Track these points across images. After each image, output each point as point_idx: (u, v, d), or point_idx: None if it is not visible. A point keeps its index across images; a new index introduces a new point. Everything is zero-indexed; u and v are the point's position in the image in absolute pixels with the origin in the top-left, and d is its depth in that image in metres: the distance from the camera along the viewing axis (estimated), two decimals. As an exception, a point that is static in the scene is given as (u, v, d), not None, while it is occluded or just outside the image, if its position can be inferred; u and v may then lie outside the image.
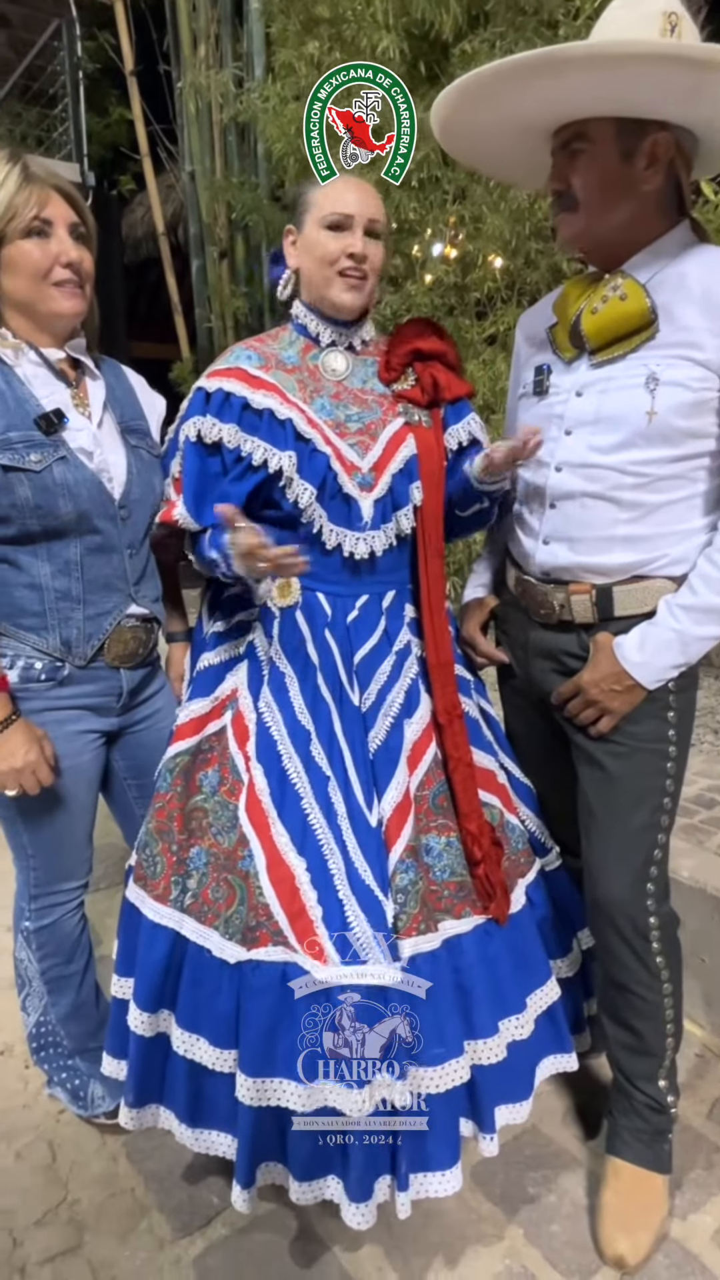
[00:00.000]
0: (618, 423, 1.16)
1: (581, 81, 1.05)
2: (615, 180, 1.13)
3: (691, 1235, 1.28)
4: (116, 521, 1.27)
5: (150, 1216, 1.34)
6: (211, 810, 1.29)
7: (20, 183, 1.14)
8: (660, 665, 1.18)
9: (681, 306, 1.11)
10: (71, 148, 7.13)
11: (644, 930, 1.24)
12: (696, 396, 1.11)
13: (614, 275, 1.17)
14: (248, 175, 4.45)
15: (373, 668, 1.36)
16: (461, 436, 1.40)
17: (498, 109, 1.15)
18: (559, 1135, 1.48)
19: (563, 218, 1.19)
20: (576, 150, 1.14)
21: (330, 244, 1.28)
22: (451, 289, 3.19)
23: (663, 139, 1.11)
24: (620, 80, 1.04)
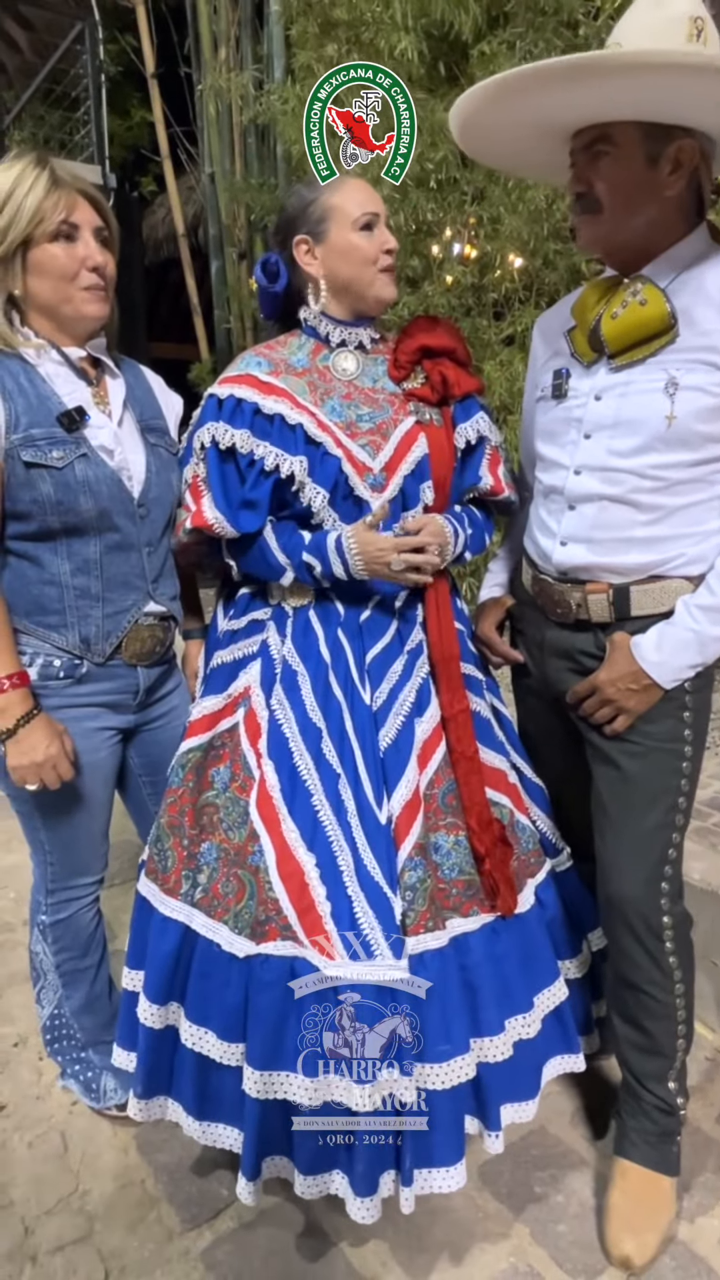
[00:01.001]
0: (637, 427, 1.16)
1: (611, 87, 1.05)
2: (640, 184, 1.13)
3: (699, 1238, 1.28)
4: (135, 519, 1.29)
5: (160, 1208, 1.35)
6: (223, 806, 1.31)
7: (48, 187, 1.16)
8: (678, 665, 1.18)
9: (701, 311, 1.11)
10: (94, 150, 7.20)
11: (657, 929, 1.24)
12: (716, 401, 1.11)
13: (634, 280, 1.17)
14: (267, 177, 4.48)
15: (385, 667, 1.36)
16: (470, 434, 1.40)
17: (520, 111, 1.15)
18: (567, 1136, 1.48)
19: (584, 219, 1.19)
20: (600, 152, 1.14)
21: (367, 245, 1.30)
22: (469, 290, 3.19)
23: (687, 145, 1.11)
24: (650, 88, 1.04)
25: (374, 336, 1.40)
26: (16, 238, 1.15)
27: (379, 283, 1.33)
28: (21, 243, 1.15)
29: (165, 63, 5.27)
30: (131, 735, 1.44)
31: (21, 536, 1.22)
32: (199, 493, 1.34)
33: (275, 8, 4.09)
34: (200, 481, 1.34)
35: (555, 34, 2.98)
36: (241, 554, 1.38)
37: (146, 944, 1.32)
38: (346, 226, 1.30)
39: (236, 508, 1.33)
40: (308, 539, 1.31)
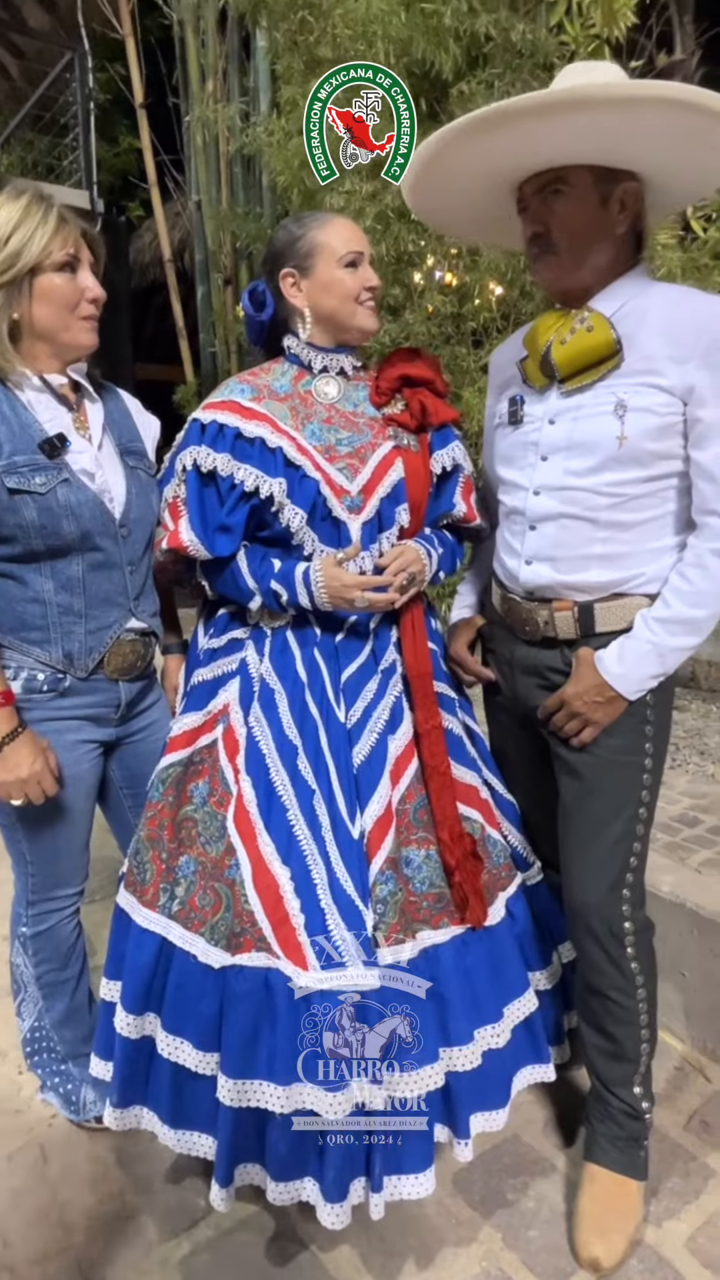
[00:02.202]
0: (591, 448, 1.22)
1: (566, 125, 1.11)
2: (593, 223, 1.21)
3: (665, 1241, 1.31)
4: (117, 539, 1.33)
5: (138, 1219, 1.37)
6: (201, 820, 1.34)
7: (57, 224, 1.23)
8: (639, 676, 1.23)
9: (644, 337, 1.18)
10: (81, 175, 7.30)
11: (620, 936, 1.28)
12: (663, 420, 1.18)
13: (581, 309, 1.24)
14: (252, 206, 4.58)
15: (359, 686, 1.41)
16: (445, 461, 1.46)
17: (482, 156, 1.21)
18: (539, 1144, 1.51)
19: (543, 260, 1.26)
20: (556, 192, 1.21)
21: (350, 281, 1.36)
22: (449, 318, 3.27)
23: (631, 187, 1.20)
24: (599, 127, 1.11)
25: (355, 364, 1.46)
26: (25, 265, 1.21)
27: (360, 314, 1.39)
28: (29, 271, 1.21)
29: (154, 93, 5.39)
30: (113, 748, 1.47)
31: (6, 558, 1.26)
32: (177, 513, 1.39)
33: (262, 44, 4.21)
34: (179, 502, 1.39)
35: (532, 75, 3.09)
36: (215, 576, 1.43)
37: (124, 955, 1.34)
38: (332, 263, 1.36)
39: (212, 531, 1.38)
40: (277, 567, 1.36)
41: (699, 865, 1.88)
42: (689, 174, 1.23)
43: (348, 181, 3.10)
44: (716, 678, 3.38)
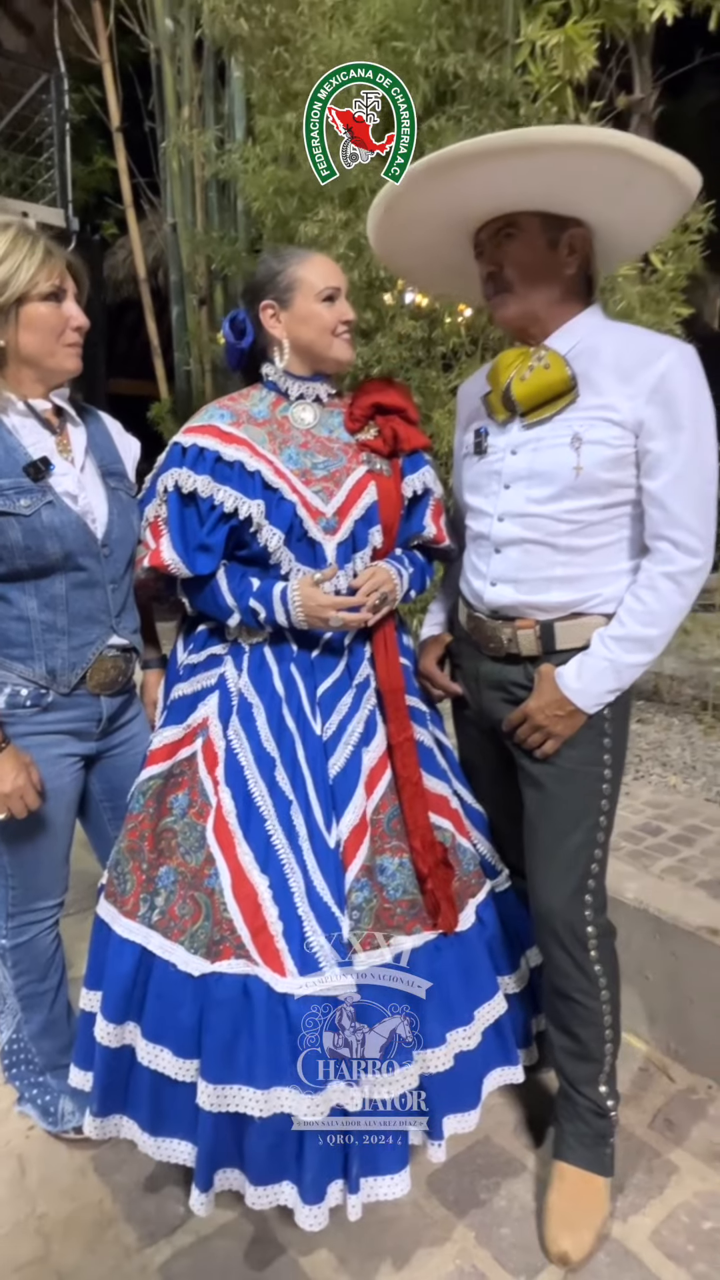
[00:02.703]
0: (550, 477, 1.29)
1: (522, 167, 1.19)
2: (542, 264, 1.30)
3: (631, 1235, 1.36)
4: (100, 559, 1.38)
5: (117, 1226, 1.39)
6: (181, 831, 1.38)
7: (44, 255, 1.28)
8: (597, 691, 1.29)
9: (598, 374, 1.26)
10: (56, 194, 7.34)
11: (583, 940, 1.34)
12: (616, 452, 1.25)
13: (539, 348, 1.32)
14: (228, 230, 4.65)
15: (334, 700, 1.46)
16: (416, 485, 1.53)
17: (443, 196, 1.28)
18: (510, 1145, 1.55)
19: (498, 299, 1.34)
20: (508, 235, 1.30)
21: (327, 314, 1.43)
22: (419, 343, 3.36)
23: (579, 233, 1.29)
24: (547, 171, 1.19)
25: (330, 391, 1.53)
26: (14, 294, 1.26)
27: (336, 346, 1.46)
28: (16, 300, 1.26)
29: (130, 116, 5.46)
30: (93, 762, 1.50)
31: None
32: (158, 533, 1.44)
33: (237, 74, 4.30)
34: (161, 522, 1.45)
35: (498, 113, 3.21)
36: (195, 593, 1.48)
37: (104, 965, 1.37)
38: (311, 297, 1.43)
39: (193, 550, 1.43)
40: (256, 586, 1.42)
41: (661, 872, 1.95)
42: (631, 223, 1.32)
43: (321, 210, 3.19)
44: (678, 691, 3.48)
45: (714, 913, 1.76)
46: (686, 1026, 1.75)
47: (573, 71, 3.23)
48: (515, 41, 3.34)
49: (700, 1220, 1.39)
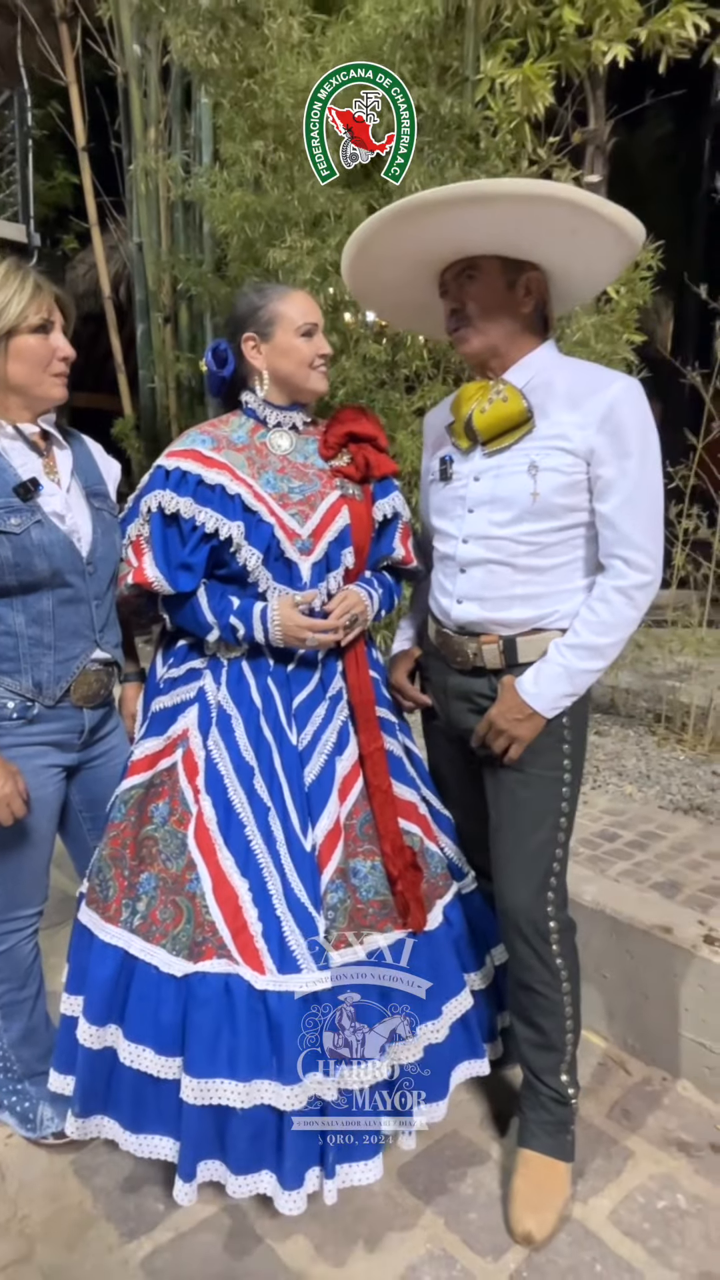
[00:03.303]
0: (509, 502, 1.39)
1: (479, 216, 1.30)
2: (501, 303, 1.40)
3: (590, 1216, 1.44)
4: (85, 576, 1.43)
5: (98, 1225, 1.42)
6: (161, 839, 1.43)
7: (34, 290, 1.34)
8: (552, 695, 1.37)
9: (552, 406, 1.37)
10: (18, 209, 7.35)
11: (545, 934, 1.42)
12: (569, 479, 1.35)
13: (497, 381, 1.42)
14: (193, 251, 4.72)
15: (309, 711, 1.53)
16: (386, 509, 1.62)
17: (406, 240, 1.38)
18: (477, 1137, 1.63)
19: (460, 334, 1.44)
20: (470, 277, 1.40)
21: (305, 348, 1.51)
22: (383, 365, 3.47)
23: (535, 276, 1.40)
24: (505, 219, 1.30)
25: (305, 420, 1.61)
26: (4, 327, 1.31)
27: (313, 378, 1.54)
28: (6, 332, 1.31)
29: (95, 134, 5.50)
30: (73, 773, 1.55)
31: None
32: (141, 551, 1.51)
33: (205, 99, 4.38)
34: (144, 541, 1.51)
35: (459, 145, 3.35)
36: (175, 609, 1.55)
37: (87, 969, 1.41)
38: (290, 331, 1.51)
39: (175, 568, 1.49)
40: (236, 604, 1.49)
41: (617, 875, 2.05)
42: (582, 269, 1.43)
43: (288, 236, 3.28)
44: (633, 704, 3.62)
45: (666, 912, 1.87)
46: (642, 1022, 1.85)
47: (530, 108, 3.40)
48: (475, 78, 3.51)
49: (655, 1200, 1.47)
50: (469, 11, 3.44)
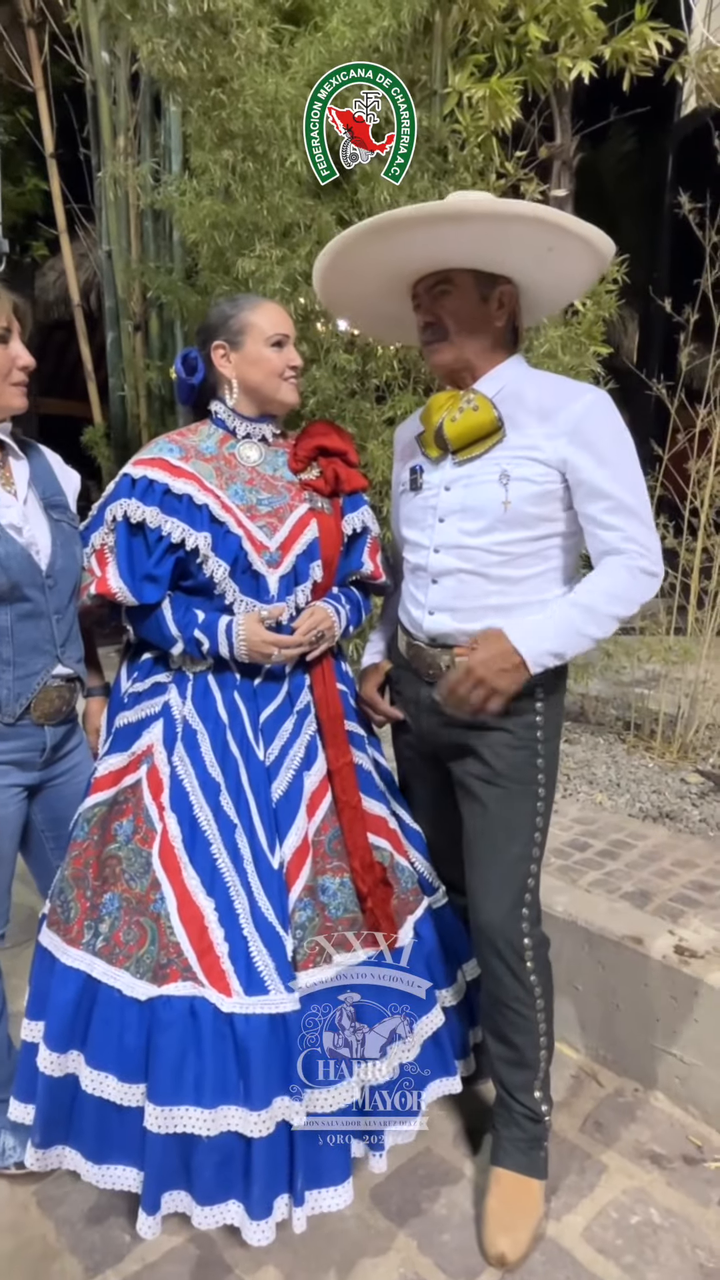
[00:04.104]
0: (480, 511, 1.38)
1: (447, 234, 1.30)
2: (475, 315, 1.40)
3: (564, 1233, 1.43)
4: (44, 590, 1.40)
5: (63, 1259, 1.38)
6: (125, 858, 1.40)
7: None
8: (541, 648, 1.30)
9: (523, 417, 1.37)
10: (-15, 215, 7.25)
11: (520, 950, 1.41)
12: (541, 488, 1.35)
13: (468, 391, 1.42)
14: (163, 259, 4.69)
15: (276, 726, 1.51)
16: (356, 524, 1.60)
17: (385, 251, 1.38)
18: (449, 1155, 1.61)
19: (434, 347, 1.43)
20: (444, 291, 1.40)
21: (275, 359, 1.50)
22: (353, 375, 3.46)
23: (507, 290, 1.41)
24: (476, 237, 1.30)
25: (275, 432, 1.59)
26: None
27: (283, 389, 1.53)
28: None
29: (63, 142, 5.45)
30: (35, 791, 1.51)
31: None
32: (104, 561, 1.48)
33: (174, 107, 4.37)
34: (107, 550, 1.48)
35: (428, 158, 3.36)
36: (139, 621, 1.52)
37: (48, 994, 1.38)
38: (260, 341, 1.50)
39: (139, 580, 1.46)
40: (201, 618, 1.46)
41: (588, 886, 2.05)
42: (553, 283, 1.45)
43: (258, 245, 3.27)
44: (602, 712, 3.64)
45: (636, 922, 1.87)
46: (614, 1032, 1.84)
47: (498, 122, 3.42)
48: (443, 91, 3.53)
49: (628, 1215, 1.46)
50: (436, 26, 3.46)
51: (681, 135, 8.11)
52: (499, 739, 1.41)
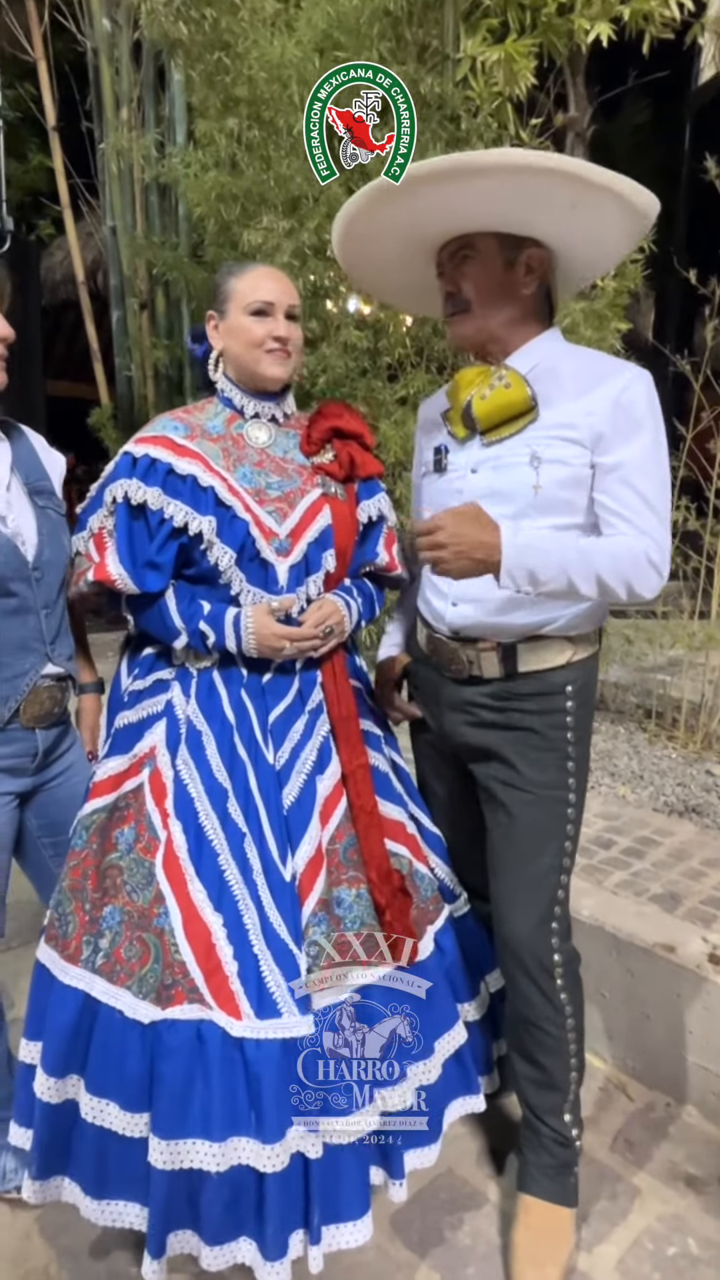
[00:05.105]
0: (510, 496, 1.27)
1: (470, 191, 1.18)
2: (499, 283, 1.29)
3: (596, 1266, 1.34)
4: (31, 583, 1.30)
5: (63, 1293, 1.31)
6: (127, 868, 1.31)
7: None
8: (523, 562, 1.17)
9: (557, 394, 1.25)
10: (-11, 193, 7.12)
11: (549, 967, 1.32)
12: (573, 472, 1.24)
13: (499, 367, 1.31)
14: (169, 234, 4.56)
15: (287, 726, 1.41)
16: (371, 512, 1.49)
17: (394, 217, 1.27)
18: (473, 1176, 1.52)
19: (455, 319, 1.32)
20: (465, 257, 1.29)
21: (256, 329, 1.38)
22: (364, 353, 3.34)
23: (536, 254, 1.28)
24: (514, 193, 1.18)
25: (286, 412, 1.48)
26: None
27: (264, 363, 1.40)
28: None
29: (66, 115, 5.32)
30: (28, 797, 1.42)
31: None
32: (103, 545, 1.38)
33: (178, 76, 4.22)
34: (105, 534, 1.38)
35: (440, 126, 3.22)
36: (140, 611, 1.42)
37: (45, 1014, 1.29)
38: (240, 310, 1.39)
39: (141, 566, 1.36)
40: (207, 609, 1.36)
41: (615, 887, 1.95)
42: (587, 244, 1.31)
43: (265, 218, 3.14)
44: (622, 699, 3.52)
45: (668, 928, 1.77)
46: (643, 1043, 1.75)
47: (513, 88, 3.26)
48: (456, 56, 3.37)
49: (664, 1246, 1.37)
50: (447, -14, 3.30)
51: (699, 105, 7.88)
52: (526, 740, 1.31)
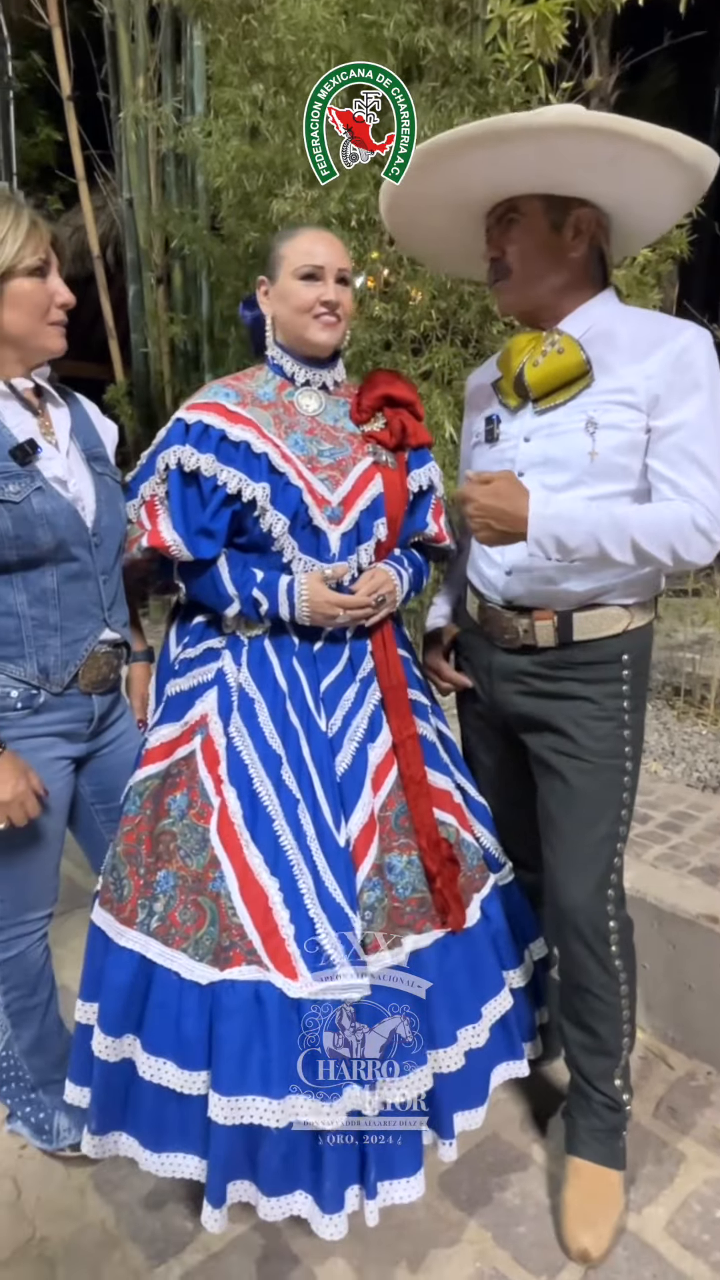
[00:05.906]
0: (565, 463, 1.25)
1: (516, 153, 1.15)
2: (545, 247, 1.26)
3: (646, 1227, 1.36)
4: (91, 549, 1.30)
5: (123, 1247, 1.33)
6: (180, 834, 1.32)
7: (29, 227, 1.18)
8: (550, 531, 1.17)
9: (613, 358, 1.23)
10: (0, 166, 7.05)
11: (605, 934, 1.32)
12: (630, 437, 1.22)
13: (551, 332, 1.28)
14: (186, 205, 4.50)
15: (338, 695, 1.41)
16: (422, 481, 1.48)
17: (439, 183, 1.26)
18: (518, 1140, 1.54)
19: (499, 286, 1.31)
20: (510, 220, 1.27)
21: (305, 293, 1.36)
22: (389, 326, 3.30)
23: (585, 214, 1.25)
24: (549, 154, 1.15)
25: (336, 380, 1.47)
26: None
27: (312, 327, 1.38)
28: (1, 275, 1.16)
29: (80, 84, 5.24)
30: (82, 763, 1.42)
31: None
32: (155, 512, 1.37)
33: (198, 43, 4.15)
34: (158, 501, 1.38)
35: (469, 90, 3.15)
36: (193, 578, 1.41)
37: (102, 975, 1.30)
38: (289, 274, 1.37)
39: (194, 533, 1.36)
40: (260, 576, 1.35)
41: (654, 861, 1.95)
42: (641, 202, 1.27)
43: (290, 187, 3.10)
44: (650, 676, 3.51)
45: (711, 900, 1.77)
46: (684, 1014, 1.76)
47: (543, 50, 3.19)
48: (485, 17, 3.29)
49: (713, 1208, 1.39)
50: (478, -56, 3.23)
51: (728, 68, 7.69)
52: (582, 710, 1.31)
